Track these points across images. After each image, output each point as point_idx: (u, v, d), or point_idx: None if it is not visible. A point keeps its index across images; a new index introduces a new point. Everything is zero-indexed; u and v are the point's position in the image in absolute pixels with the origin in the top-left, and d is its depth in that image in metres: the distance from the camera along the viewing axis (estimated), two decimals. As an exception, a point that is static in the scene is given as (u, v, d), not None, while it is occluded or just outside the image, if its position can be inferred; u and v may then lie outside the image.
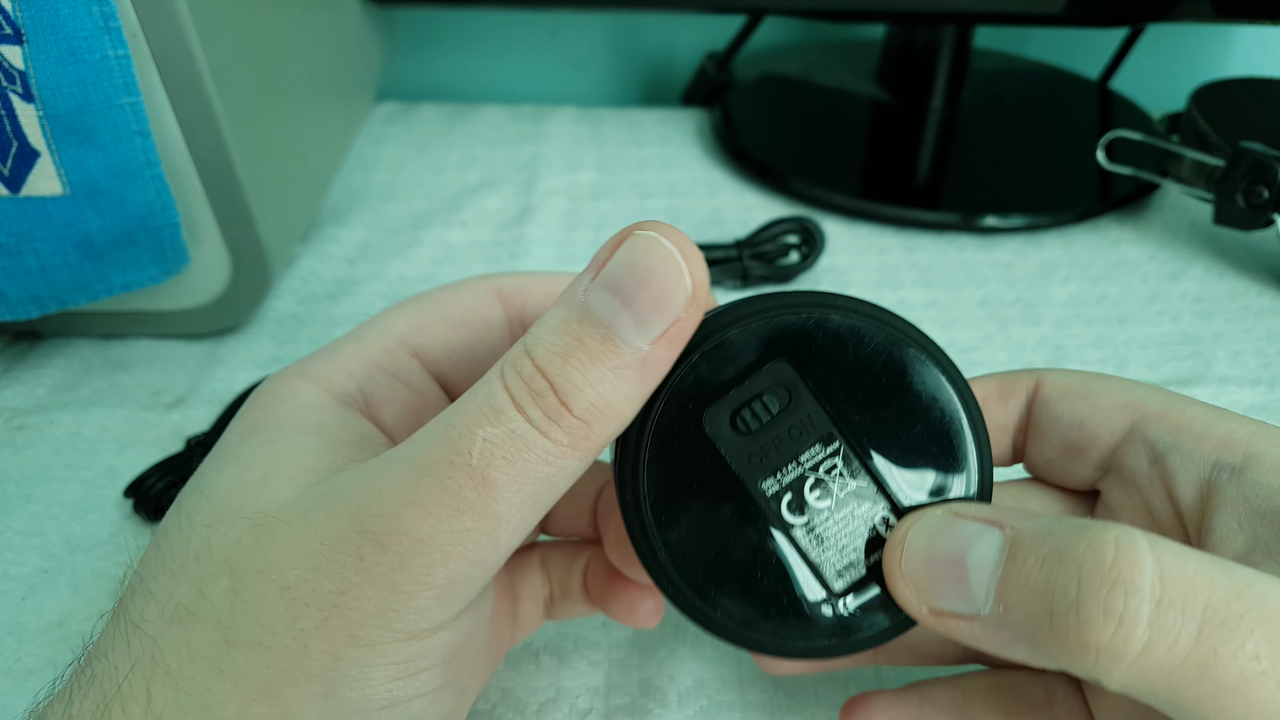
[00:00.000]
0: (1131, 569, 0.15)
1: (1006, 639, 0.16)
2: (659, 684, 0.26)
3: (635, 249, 0.17)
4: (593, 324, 0.17)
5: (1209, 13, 0.46)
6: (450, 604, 0.17)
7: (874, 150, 0.53)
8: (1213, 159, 0.43)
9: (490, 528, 0.17)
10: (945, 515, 0.18)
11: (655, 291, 0.17)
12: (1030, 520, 0.17)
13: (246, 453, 0.19)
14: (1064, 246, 0.46)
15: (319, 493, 0.18)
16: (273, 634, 0.17)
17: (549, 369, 0.17)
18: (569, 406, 0.16)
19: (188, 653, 0.17)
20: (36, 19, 0.28)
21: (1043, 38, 0.64)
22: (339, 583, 0.16)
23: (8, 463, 0.33)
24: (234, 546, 0.17)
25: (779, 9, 0.53)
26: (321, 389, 0.20)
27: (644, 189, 0.51)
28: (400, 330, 0.22)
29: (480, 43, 0.63)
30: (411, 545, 0.16)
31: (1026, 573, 0.16)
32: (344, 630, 0.16)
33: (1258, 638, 0.14)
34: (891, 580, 0.18)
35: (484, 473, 0.16)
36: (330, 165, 0.47)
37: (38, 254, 0.32)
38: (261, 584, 0.17)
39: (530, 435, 0.16)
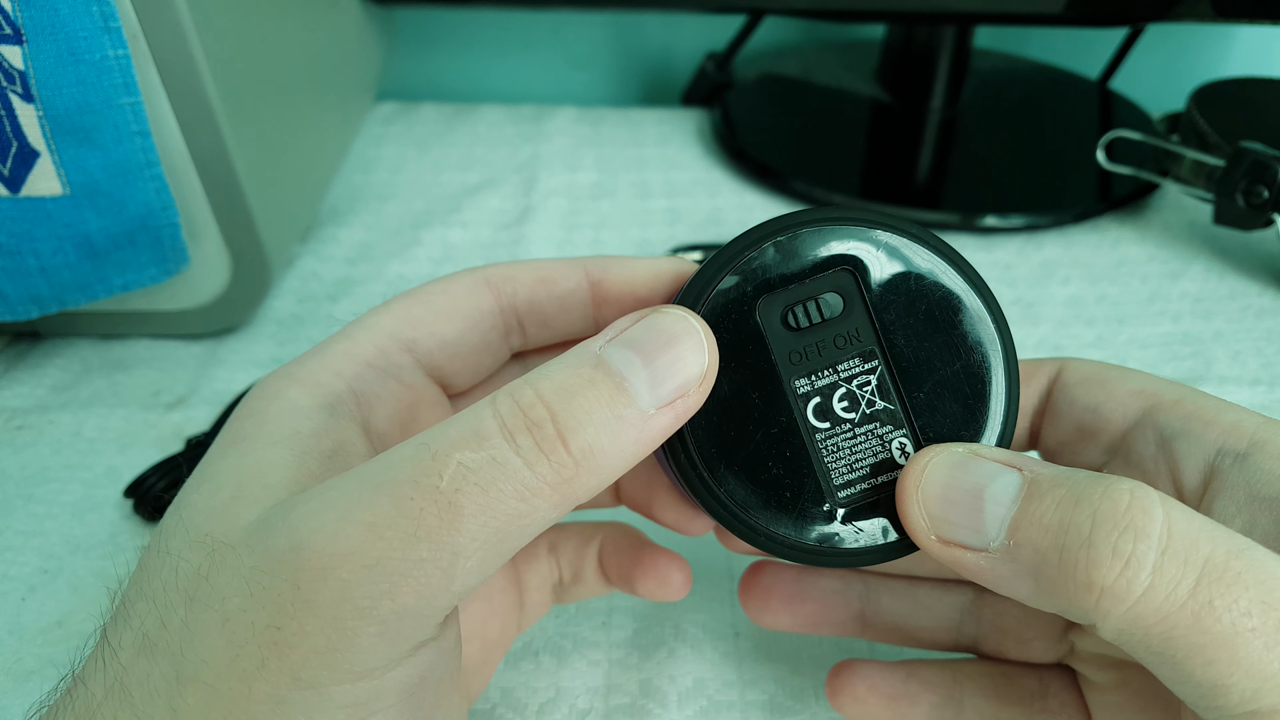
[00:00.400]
0: (1144, 517, 0.15)
1: (1010, 574, 0.17)
2: (659, 684, 0.26)
3: (662, 319, 0.17)
4: (608, 372, 0.17)
5: (1209, 13, 0.46)
6: (398, 642, 0.16)
7: (874, 150, 0.53)
8: (1213, 159, 0.43)
9: (447, 561, 0.15)
10: (967, 453, 0.18)
11: (675, 357, 0.17)
12: (1049, 466, 0.17)
13: (222, 469, 0.18)
14: (1064, 246, 0.46)
15: (271, 514, 0.16)
16: (217, 673, 0.15)
17: (553, 400, 0.16)
18: (566, 441, 0.16)
19: (148, 686, 0.16)
20: (36, 19, 0.28)
21: (1043, 38, 0.64)
22: (275, 615, 0.15)
23: (8, 463, 0.33)
24: (193, 574, 0.16)
25: (779, 9, 0.53)
26: (309, 392, 0.20)
27: (644, 189, 0.51)
28: (390, 326, 0.21)
29: (480, 43, 0.63)
30: (355, 572, 0.15)
31: (1042, 511, 0.16)
32: (285, 671, 0.15)
33: (1251, 595, 0.15)
34: (905, 503, 0.18)
35: (451, 497, 0.15)
36: (330, 165, 0.47)
37: (38, 254, 0.32)
38: (207, 614, 0.16)
39: (513, 464, 0.15)
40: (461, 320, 0.22)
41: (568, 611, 0.28)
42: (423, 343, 0.22)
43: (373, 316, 0.22)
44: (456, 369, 0.23)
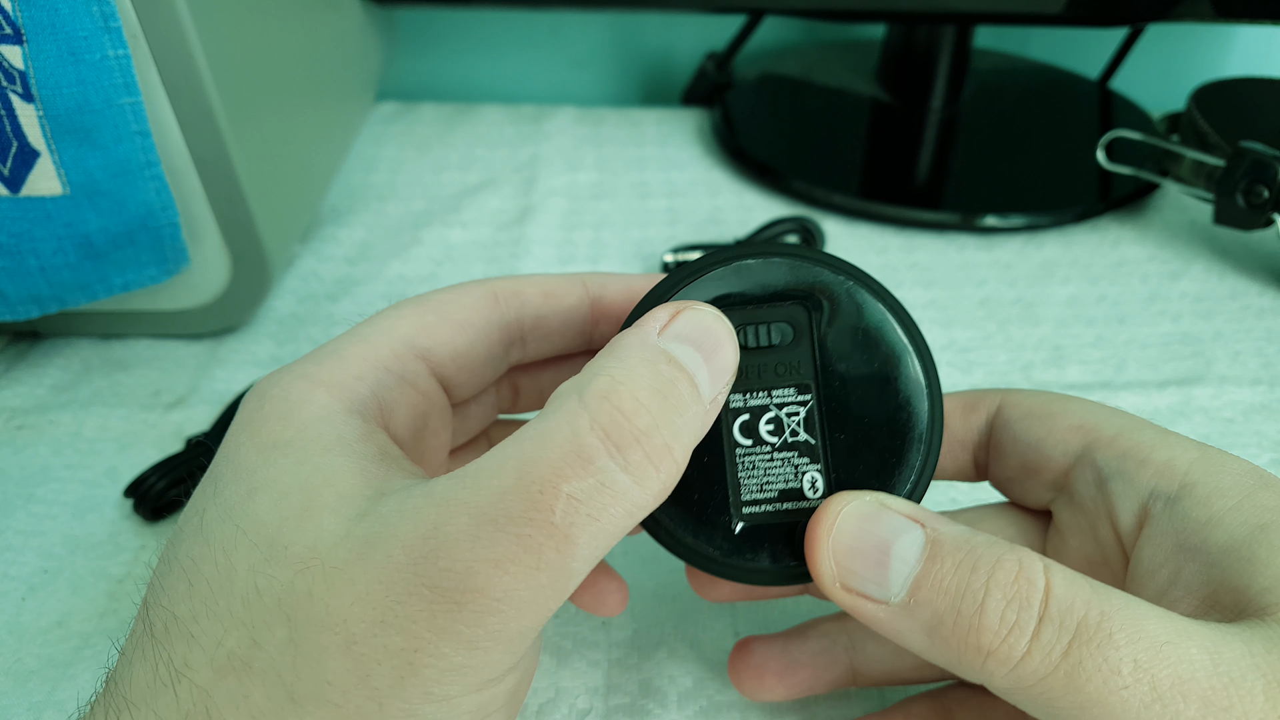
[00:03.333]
0: (1029, 586, 0.16)
1: (906, 628, 0.17)
2: (659, 684, 0.26)
3: (706, 317, 0.18)
4: (681, 370, 0.17)
5: (1209, 13, 0.46)
6: (519, 652, 0.17)
7: (874, 150, 0.53)
8: (1213, 159, 0.43)
9: (564, 583, 0.16)
10: (875, 503, 0.19)
11: (725, 357, 0.18)
12: (950, 526, 0.18)
13: (275, 476, 0.18)
14: (1064, 246, 0.46)
15: (369, 531, 0.17)
16: (342, 692, 0.16)
17: (651, 403, 0.17)
18: (673, 449, 0.17)
19: (246, 707, 0.16)
20: (36, 19, 0.28)
21: (1043, 38, 0.64)
22: (411, 639, 0.16)
23: (8, 463, 0.33)
24: (287, 592, 0.17)
25: (779, 9, 0.53)
26: (335, 396, 0.20)
27: (644, 189, 0.51)
28: (405, 332, 0.21)
29: (480, 43, 0.63)
30: (487, 604, 0.16)
31: (942, 574, 0.17)
32: (419, 687, 0.16)
33: (1122, 655, 0.16)
34: (815, 549, 0.19)
35: (567, 531, 0.16)
36: (330, 165, 0.47)
37: (38, 254, 0.32)
38: (324, 636, 0.16)
39: (622, 485, 0.16)
40: (472, 331, 0.22)
41: (568, 611, 0.28)
42: (437, 351, 0.22)
43: (386, 320, 0.22)
44: (463, 380, 0.23)
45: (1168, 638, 0.16)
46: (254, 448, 0.19)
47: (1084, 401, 0.22)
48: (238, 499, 0.18)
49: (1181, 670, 0.16)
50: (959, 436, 0.24)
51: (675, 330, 0.18)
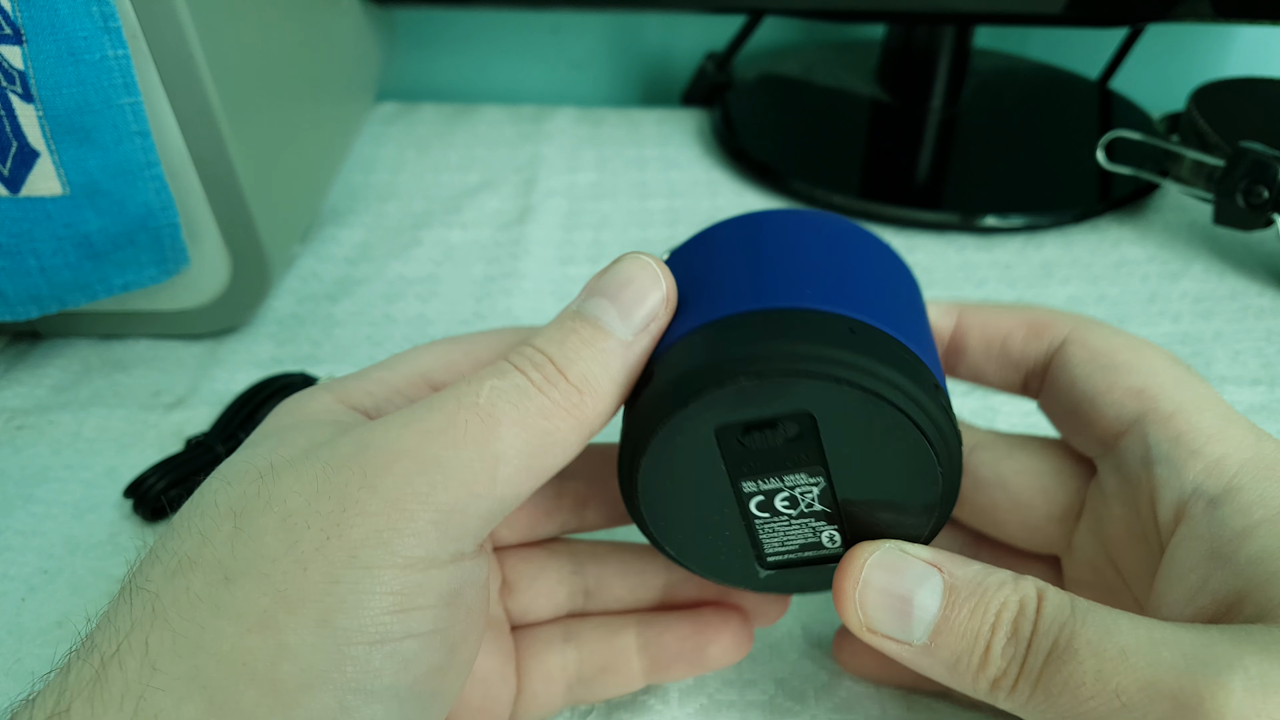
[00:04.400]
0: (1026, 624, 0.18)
1: (928, 664, 0.19)
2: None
3: (619, 262, 0.20)
4: (584, 319, 0.20)
5: (1209, 13, 0.46)
6: (447, 536, 0.18)
7: (874, 150, 0.53)
8: (1213, 159, 0.43)
9: (490, 463, 0.18)
10: (895, 551, 0.20)
11: (635, 289, 0.20)
12: (964, 569, 0.19)
13: (260, 441, 0.20)
14: (1064, 246, 0.46)
15: (325, 438, 0.19)
16: (271, 561, 0.17)
17: (547, 348, 0.19)
18: (564, 373, 0.19)
19: (186, 598, 0.17)
20: (36, 19, 0.28)
21: (1043, 38, 0.64)
22: (340, 501, 0.17)
23: (8, 463, 0.33)
24: (239, 497, 0.18)
25: (779, 9, 0.53)
26: (339, 400, 0.22)
27: (644, 189, 0.51)
28: (427, 365, 0.23)
29: (480, 43, 0.63)
30: (415, 464, 0.18)
31: (959, 620, 0.19)
32: (343, 549, 0.17)
33: (1085, 668, 0.17)
34: (843, 603, 0.20)
35: (489, 410, 0.18)
36: (330, 165, 0.47)
37: (38, 254, 0.32)
38: (263, 517, 0.17)
39: (531, 390, 0.19)
40: None
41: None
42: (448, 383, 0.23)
43: (415, 352, 0.23)
44: None
45: (1135, 646, 0.17)
46: (255, 435, 0.21)
47: (1151, 354, 0.22)
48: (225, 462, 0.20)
49: (1147, 674, 0.16)
50: (1014, 358, 0.24)
51: (591, 287, 0.20)
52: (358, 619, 0.17)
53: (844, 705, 0.26)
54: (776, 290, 0.20)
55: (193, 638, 0.16)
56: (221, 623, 0.16)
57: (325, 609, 0.17)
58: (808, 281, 0.20)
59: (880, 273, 0.22)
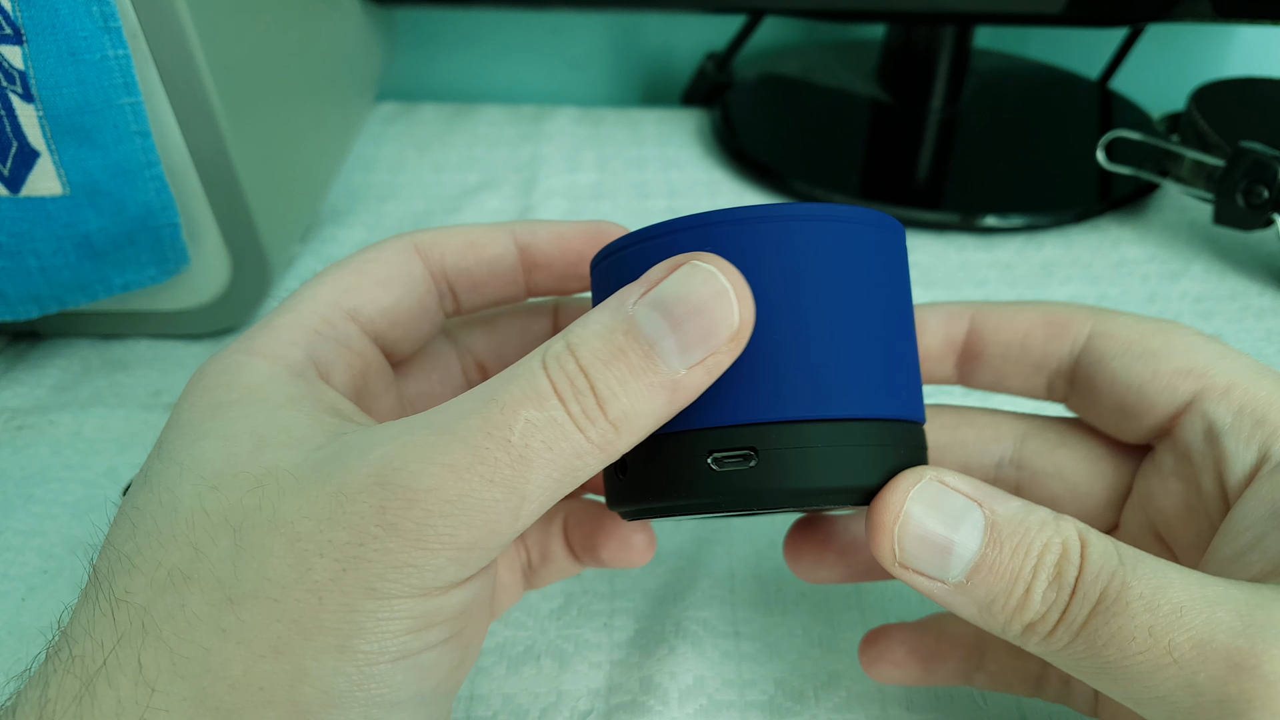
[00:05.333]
0: (1069, 567, 0.17)
1: (961, 603, 0.18)
2: (659, 681, 0.26)
3: (693, 278, 0.17)
4: (637, 339, 0.17)
5: (1209, 13, 0.46)
6: (466, 567, 0.17)
7: (874, 150, 0.53)
8: (1213, 159, 0.43)
9: (515, 503, 0.17)
10: (936, 482, 0.19)
11: (703, 322, 0.17)
12: (1005, 504, 0.18)
13: (222, 426, 0.18)
14: (1064, 246, 0.46)
15: (330, 451, 0.17)
16: (281, 587, 0.16)
17: (591, 371, 0.17)
18: (605, 410, 0.17)
19: (183, 616, 0.16)
20: (36, 19, 0.28)
21: (1043, 38, 0.64)
22: (357, 534, 0.16)
23: (8, 463, 0.33)
24: (235, 507, 0.17)
25: (779, 9, 0.53)
26: (271, 363, 0.20)
27: (644, 189, 0.51)
28: (330, 296, 0.22)
29: (480, 43, 0.63)
30: (440, 505, 0.16)
31: (999, 559, 0.18)
32: (361, 582, 0.16)
33: (1137, 622, 0.16)
34: (878, 534, 0.19)
35: (522, 450, 0.17)
36: (330, 165, 0.47)
37: (38, 254, 0.32)
38: (268, 537, 0.17)
39: (568, 427, 0.17)
40: (397, 286, 0.23)
41: (570, 614, 0.28)
42: (364, 309, 0.22)
43: (309, 289, 0.22)
44: (398, 335, 0.23)
45: (1189, 603, 0.16)
46: (197, 411, 0.19)
47: (1185, 334, 0.21)
48: (181, 448, 0.18)
49: (1202, 633, 0.16)
50: (1035, 359, 0.23)
51: (655, 295, 0.17)
52: (377, 642, 0.17)
53: (844, 705, 0.26)
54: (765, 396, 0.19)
55: (197, 660, 0.16)
56: (229, 646, 0.16)
57: (344, 635, 0.16)
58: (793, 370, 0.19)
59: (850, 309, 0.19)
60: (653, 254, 0.19)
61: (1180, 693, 0.16)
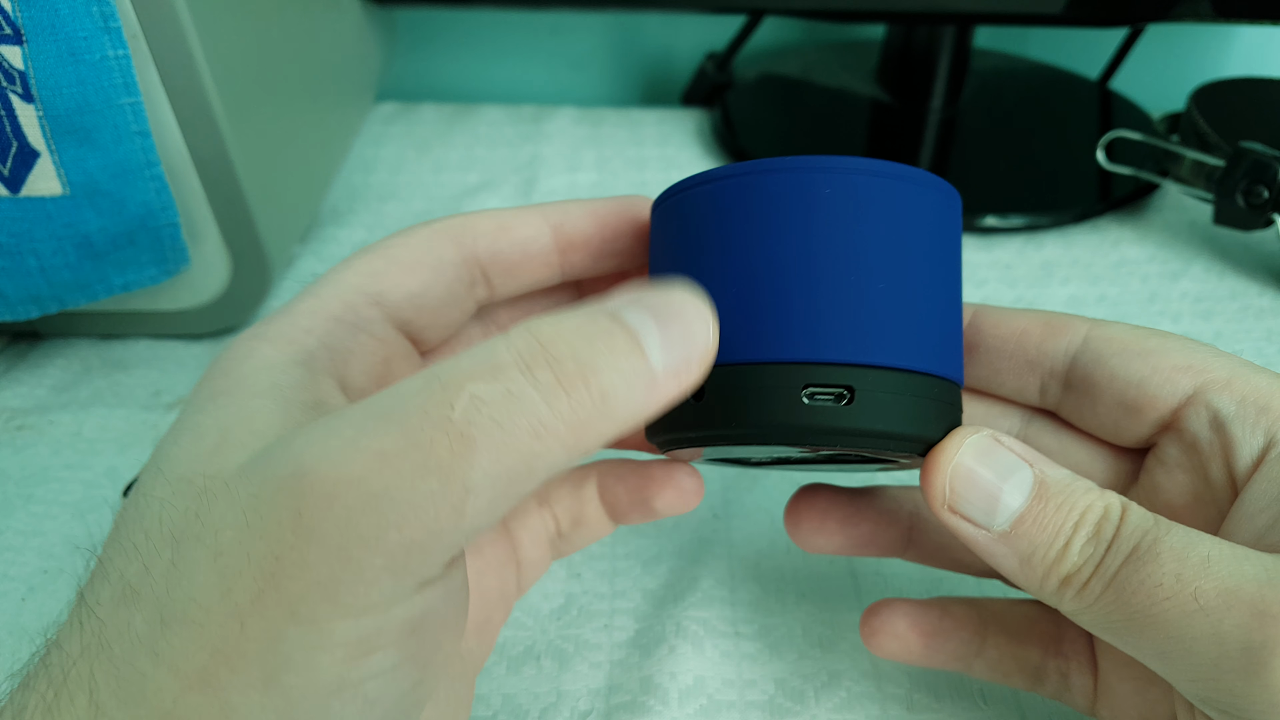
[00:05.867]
0: (1108, 526, 0.18)
1: (1001, 553, 0.19)
2: (659, 681, 0.26)
3: (675, 292, 0.17)
4: (623, 325, 0.16)
5: (1209, 13, 0.46)
6: (404, 576, 0.15)
7: (874, 150, 0.53)
8: (1213, 159, 0.43)
9: (457, 496, 0.15)
10: (990, 438, 0.20)
11: (684, 325, 0.17)
12: (1054, 469, 0.19)
13: (198, 420, 0.18)
14: (1064, 246, 0.46)
15: (267, 446, 0.16)
16: (205, 610, 0.15)
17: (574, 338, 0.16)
18: (587, 379, 0.15)
19: (129, 635, 0.15)
20: (36, 19, 0.28)
21: (1043, 38, 0.64)
22: (273, 544, 0.14)
23: (8, 463, 0.33)
24: (180, 517, 0.16)
25: (779, 9, 0.53)
26: (280, 348, 0.19)
27: (644, 189, 0.51)
28: (355, 281, 0.21)
29: (480, 43, 0.63)
30: (361, 499, 0.14)
31: (1045, 513, 0.19)
32: (282, 605, 0.14)
33: (1165, 570, 0.17)
34: (933, 472, 0.20)
35: (464, 429, 0.14)
36: (330, 165, 0.47)
37: (38, 254, 0.32)
38: (196, 550, 0.15)
39: (529, 398, 0.15)
40: (425, 272, 0.22)
41: (570, 614, 0.28)
42: (389, 295, 0.21)
43: (336, 273, 0.21)
44: (425, 322, 0.22)
45: (1219, 555, 0.17)
46: (195, 401, 0.18)
47: (1178, 338, 0.22)
48: (165, 445, 0.18)
49: (1229, 582, 0.17)
50: (1030, 356, 0.23)
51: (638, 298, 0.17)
52: (307, 675, 0.15)
53: (844, 705, 0.26)
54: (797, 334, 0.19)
55: (135, 685, 0.15)
56: (161, 674, 0.15)
57: (269, 668, 0.14)
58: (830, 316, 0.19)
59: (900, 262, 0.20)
60: (730, 192, 0.20)
61: (1205, 640, 0.17)
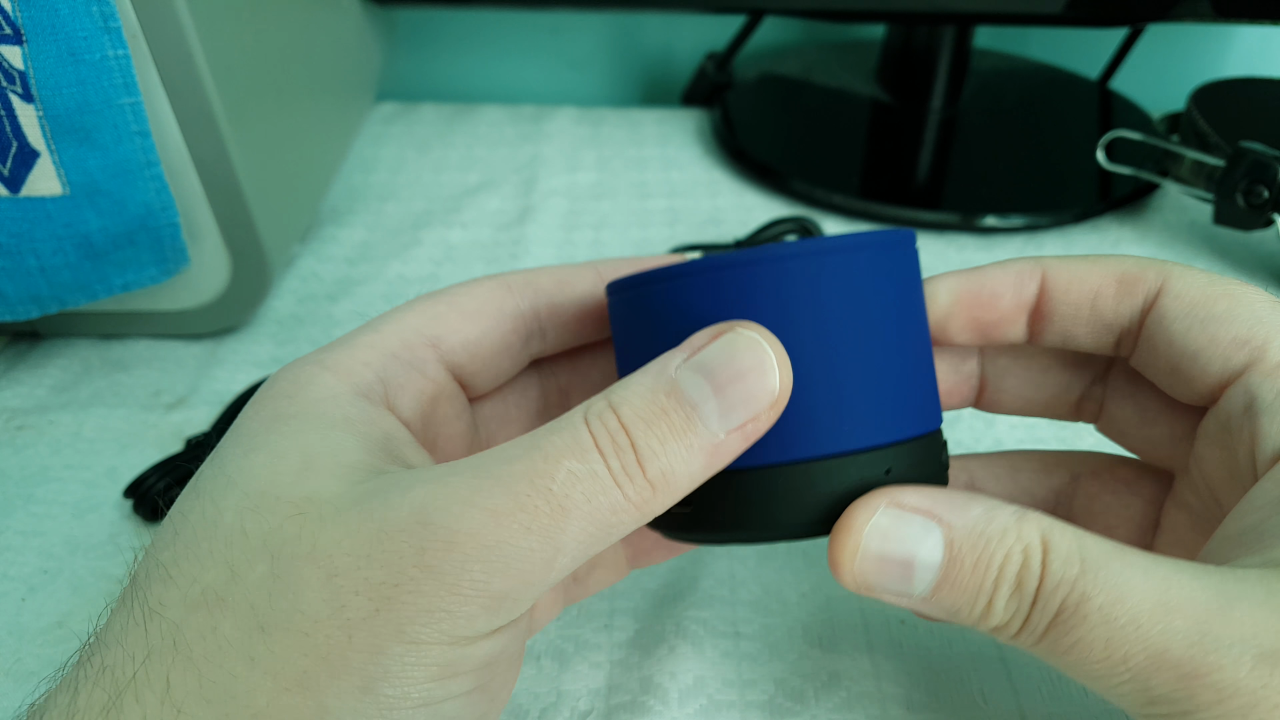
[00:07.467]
0: (1029, 576, 0.18)
1: (930, 611, 0.19)
2: (660, 681, 0.26)
3: (737, 344, 0.18)
4: (680, 400, 0.18)
5: (1209, 13, 0.46)
6: (496, 616, 0.17)
7: (874, 150, 0.53)
8: (1213, 159, 0.43)
9: (550, 554, 0.17)
10: (893, 510, 0.19)
11: (746, 388, 0.18)
12: (963, 516, 0.19)
13: (275, 441, 0.19)
14: (1064, 246, 0.46)
15: (373, 486, 0.18)
16: (313, 621, 0.16)
17: (633, 429, 0.18)
18: (644, 468, 0.17)
19: (214, 639, 0.16)
20: (36, 19, 0.28)
21: (1043, 38, 0.64)
22: (394, 574, 0.16)
23: (8, 463, 0.33)
24: (275, 532, 0.17)
25: (779, 9, 0.53)
26: (341, 379, 0.20)
27: (644, 189, 0.51)
28: (415, 322, 0.22)
29: (480, 43, 0.63)
30: (477, 549, 0.17)
31: (961, 576, 0.18)
32: (393, 624, 0.16)
33: (1095, 635, 0.17)
34: (839, 571, 0.19)
35: (562, 500, 0.17)
36: (330, 165, 0.47)
37: (38, 254, 0.32)
38: (306, 569, 0.17)
39: (608, 481, 0.17)
40: (485, 321, 0.23)
41: (569, 614, 0.28)
42: (446, 340, 0.22)
43: (398, 312, 0.22)
44: (477, 369, 0.23)
45: (1149, 613, 0.17)
46: (258, 420, 0.19)
47: (1251, 299, 0.21)
48: (233, 458, 0.19)
49: (1156, 645, 0.17)
50: (1107, 319, 0.22)
51: (700, 358, 0.18)
52: (401, 688, 0.17)
53: (844, 705, 0.26)
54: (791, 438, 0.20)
55: (223, 686, 0.16)
56: (256, 676, 0.16)
57: (369, 677, 0.16)
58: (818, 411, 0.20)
59: (870, 336, 0.20)
60: (681, 293, 0.20)
61: (1136, 696, 0.17)
